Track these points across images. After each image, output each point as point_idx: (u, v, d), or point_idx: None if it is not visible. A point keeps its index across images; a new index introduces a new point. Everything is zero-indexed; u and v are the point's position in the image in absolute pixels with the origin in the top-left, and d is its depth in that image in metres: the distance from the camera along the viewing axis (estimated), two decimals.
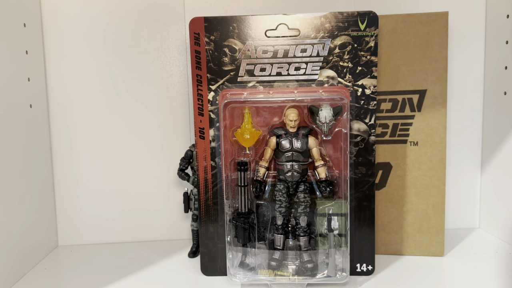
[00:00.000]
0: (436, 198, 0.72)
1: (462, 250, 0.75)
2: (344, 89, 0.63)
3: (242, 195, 0.63)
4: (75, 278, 0.69)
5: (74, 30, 0.80)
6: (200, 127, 0.64)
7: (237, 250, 0.64)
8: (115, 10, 0.81)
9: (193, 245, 0.76)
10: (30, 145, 0.75)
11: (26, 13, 0.75)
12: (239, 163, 0.63)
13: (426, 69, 0.70)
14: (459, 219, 0.87)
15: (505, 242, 0.79)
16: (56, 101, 0.82)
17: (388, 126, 0.72)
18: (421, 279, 0.65)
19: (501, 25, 0.78)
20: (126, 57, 0.81)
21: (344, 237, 0.63)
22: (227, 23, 0.63)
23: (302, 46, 0.63)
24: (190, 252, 0.75)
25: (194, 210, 0.75)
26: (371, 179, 0.65)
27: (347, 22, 0.62)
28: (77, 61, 0.81)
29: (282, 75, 0.63)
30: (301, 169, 0.62)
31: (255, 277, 0.63)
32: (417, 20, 0.69)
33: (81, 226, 0.83)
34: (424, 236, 0.73)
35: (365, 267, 0.66)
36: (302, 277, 0.62)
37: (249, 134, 0.62)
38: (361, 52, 0.62)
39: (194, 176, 0.73)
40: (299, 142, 0.61)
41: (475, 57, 0.83)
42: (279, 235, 0.63)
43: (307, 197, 0.63)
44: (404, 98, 0.71)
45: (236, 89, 0.64)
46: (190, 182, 0.74)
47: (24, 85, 0.73)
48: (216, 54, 0.63)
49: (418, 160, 0.71)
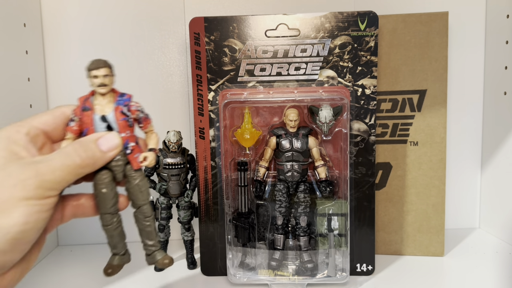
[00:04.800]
0: (436, 198, 0.72)
1: (462, 250, 0.75)
2: (344, 89, 0.63)
3: (242, 195, 0.63)
4: (75, 278, 0.69)
5: (74, 30, 0.80)
6: (200, 127, 0.64)
7: (237, 250, 0.64)
8: (115, 10, 0.81)
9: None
10: None
11: (26, 13, 0.75)
12: (239, 163, 0.63)
13: (426, 69, 0.70)
14: (459, 219, 0.87)
15: (505, 242, 0.79)
16: (56, 101, 0.82)
17: (388, 126, 0.72)
18: (421, 279, 0.65)
19: (501, 25, 0.78)
20: (126, 57, 0.81)
21: (344, 237, 0.63)
22: (227, 23, 0.63)
23: (302, 46, 0.63)
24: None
25: (160, 220, 0.69)
26: (371, 179, 0.65)
27: (347, 22, 0.62)
28: (77, 61, 0.81)
29: (282, 75, 0.63)
30: (301, 169, 0.62)
31: (255, 277, 0.63)
32: (417, 20, 0.69)
33: (81, 226, 0.83)
34: (424, 236, 0.73)
35: (365, 267, 0.66)
36: (302, 277, 0.62)
37: (249, 134, 0.62)
38: (361, 52, 0.62)
39: (160, 183, 0.68)
40: (299, 142, 0.61)
41: (475, 57, 0.83)
42: (279, 235, 0.63)
43: (307, 197, 0.63)
44: (404, 98, 0.71)
45: (236, 89, 0.64)
46: (156, 189, 0.68)
47: (24, 85, 0.73)
48: (216, 54, 0.63)
49: (418, 160, 0.71)
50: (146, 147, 0.46)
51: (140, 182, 0.45)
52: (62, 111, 0.44)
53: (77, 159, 0.40)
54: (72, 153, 0.40)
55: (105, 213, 0.46)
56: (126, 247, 0.49)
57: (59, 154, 0.39)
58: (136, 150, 0.44)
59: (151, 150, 0.46)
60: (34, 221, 0.37)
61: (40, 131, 0.42)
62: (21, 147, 0.39)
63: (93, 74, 0.45)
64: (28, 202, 0.36)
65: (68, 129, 0.44)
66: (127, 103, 0.45)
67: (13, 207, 0.35)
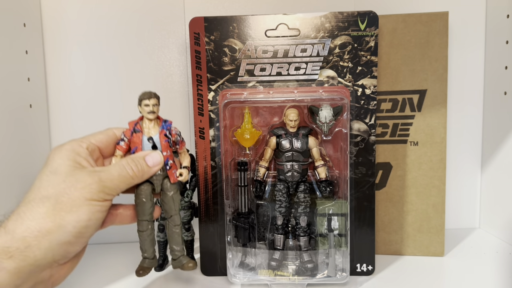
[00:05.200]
0: (436, 198, 0.72)
1: (462, 250, 0.75)
2: (344, 89, 0.63)
3: (242, 195, 0.63)
4: (75, 278, 0.69)
5: (74, 30, 0.80)
6: (200, 127, 0.64)
7: (237, 250, 0.64)
8: (115, 10, 0.81)
9: (159, 257, 0.70)
10: (30, 145, 0.75)
11: (26, 13, 0.75)
12: (239, 163, 0.63)
13: (426, 69, 0.70)
14: (459, 219, 0.87)
15: (505, 242, 0.79)
16: (56, 101, 0.82)
17: (388, 126, 0.72)
18: (421, 279, 0.65)
19: (501, 25, 0.78)
20: (126, 57, 0.81)
21: (344, 237, 0.63)
22: (227, 23, 0.63)
23: (302, 46, 0.63)
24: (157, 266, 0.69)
25: (160, 220, 0.69)
26: (371, 179, 0.65)
27: (347, 22, 0.62)
28: (77, 61, 0.81)
29: (282, 75, 0.63)
30: (301, 169, 0.62)
31: (255, 277, 0.63)
32: (417, 20, 0.69)
33: None
34: (424, 236, 0.72)
35: (365, 267, 0.66)
36: (302, 277, 0.62)
37: (249, 134, 0.62)
38: (361, 52, 0.62)
39: None
40: (299, 142, 0.61)
41: (475, 57, 0.83)
42: (279, 235, 0.63)
43: (307, 197, 0.63)
44: (404, 98, 0.71)
45: (236, 89, 0.64)
46: None
47: (24, 85, 0.73)
48: (216, 54, 0.63)
49: (418, 160, 0.71)
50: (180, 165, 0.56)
51: (174, 194, 0.55)
52: (113, 132, 0.53)
53: (130, 171, 0.49)
54: (126, 166, 0.49)
55: (143, 220, 0.54)
56: (155, 252, 0.57)
57: (116, 166, 0.49)
58: (173, 167, 0.54)
59: (185, 168, 0.55)
60: (95, 219, 0.46)
61: (96, 147, 0.51)
62: (83, 158, 0.48)
63: (145, 103, 0.53)
64: (92, 202, 0.45)
65: (118, 147, 0.53)
66: (169, 128, 0.54)
67: (80, 205, 0.44)
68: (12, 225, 0.43)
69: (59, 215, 0.43)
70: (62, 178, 0.45)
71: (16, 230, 0.42)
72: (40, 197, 0.44)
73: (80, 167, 0.47)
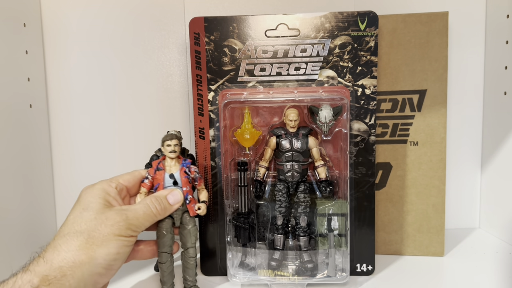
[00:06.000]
0: (436, 198, 0.72)
1: (462, 250, 0.75)
2: (344, 89, 0.63)
3: (242, 195, 0.63)
4: None
5: (74, 30, 0.81)
6: (200, 127, 0.64)
7: (237, 250, 0.64)
8: (115, 10, 0.81)
9: None
10: (30, 145, 0.75)
11: (26, 13, 0.75)
12: (239, 163, 0.63)
13: (426, 69, 0.70)
14: (459, 219, 0.87)
15: (505, 242, 0.79)
16: (56, 101, 0.82)
17: (388, 126, 0.72)
18: (421, 279, 0.65)
19: (501, 25, 0.78)
20: (126, 57, 0.81)
21: (344, 237, 0.63)
22: (227, 23, 0.63)
23: (302, 46, 0.63)
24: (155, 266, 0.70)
25: None
26: (371, 179, 0.65)
27: (347, 22, 0.62)
28: (77, 61, 0.81)
29: (282, 75, 0.63)
30: (301, 169, 0.62)
31: (255, 277, 0.63)
32: (417, 20, 0.69)
33: None
34: (424, 236, 0.73)
35: (365, 267, 0.66)
36: (302, 277, 0.62)
37: (249, 134, 0.62)
38: (361, 52, 0.62)
39: None
40: (299, 142, 0.61)
41: (475, 57, 0.83)
42: (279, 235, 0.63)
43: (307, 197, 0.63)
44: (404, 98, 0.71)
45: (236, 89, 0.64)
46: None
47: (24, 85, 0.73)
48: (216, 54, 0.63)
49: (418, 160, 0.71)
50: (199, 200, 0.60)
51: (191, 228, 0.59)
52: (139, 172, 0.59)
53: (154, 210, 0.54)
54: (150, 205, 0.54)
55: (164, 252, 0.59)
56: (174, 285, 0.62)
57: (141, 205, 0.53)
58: (192, 201, 0.59)
59: (203, 202, 0.60)
60: (123, 253, 0.50)
61: (124, 186, 0.56)
62: (112, 198, 0.53)
63: (167, 144, 0.58)
64: (120, 238, 0.49)
65: (143, 185, 0.58)
66: (189, 166, 0.59)
67: (110, 240, 0.48)
68: (50, 255, 0.47)
69: (91, 248, 0.47)
70: (93, 215, 0.50)
71: (54, 261, 0.46)
72: (74, 231, 0.48)
73: (109, 205, 0.52)
